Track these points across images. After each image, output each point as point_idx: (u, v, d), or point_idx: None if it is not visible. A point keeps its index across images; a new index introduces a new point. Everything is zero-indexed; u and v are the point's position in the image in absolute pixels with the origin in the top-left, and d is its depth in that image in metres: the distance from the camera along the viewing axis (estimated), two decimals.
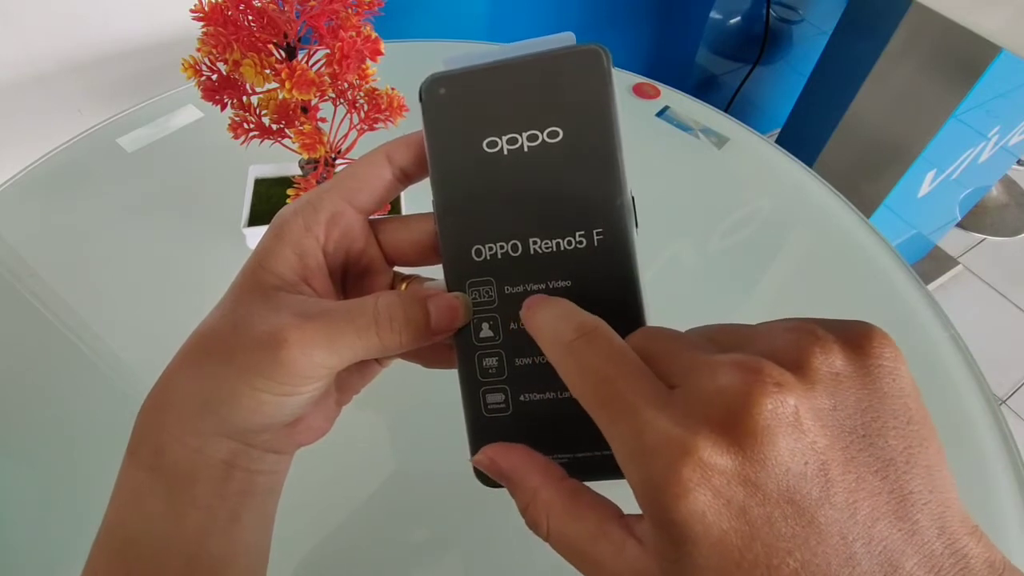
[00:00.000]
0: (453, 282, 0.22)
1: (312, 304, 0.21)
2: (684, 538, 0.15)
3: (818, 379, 0.16)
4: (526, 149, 0.22)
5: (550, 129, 0.22)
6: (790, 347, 0.16)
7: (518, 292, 0.22)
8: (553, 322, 0.19)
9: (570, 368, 0.18)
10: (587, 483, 0.21)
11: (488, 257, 0.22)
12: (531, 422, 0.22)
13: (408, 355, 0.24)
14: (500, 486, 0.22)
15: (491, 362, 0.22)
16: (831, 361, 0.16)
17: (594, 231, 0.21)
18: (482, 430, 0.22)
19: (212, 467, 0.21)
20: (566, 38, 0.22)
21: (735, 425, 0.15)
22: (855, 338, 0.16)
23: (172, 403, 0.21)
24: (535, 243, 0.22)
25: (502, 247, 0.22)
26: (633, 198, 0.22)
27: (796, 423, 0.15)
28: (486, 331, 0.22)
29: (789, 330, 0.17)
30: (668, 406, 0.16)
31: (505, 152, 0.22)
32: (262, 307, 0.21)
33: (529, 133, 0.22)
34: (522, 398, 0.22)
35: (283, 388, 0.20)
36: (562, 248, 0.22)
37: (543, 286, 0.22)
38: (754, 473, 0.15)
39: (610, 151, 0.21)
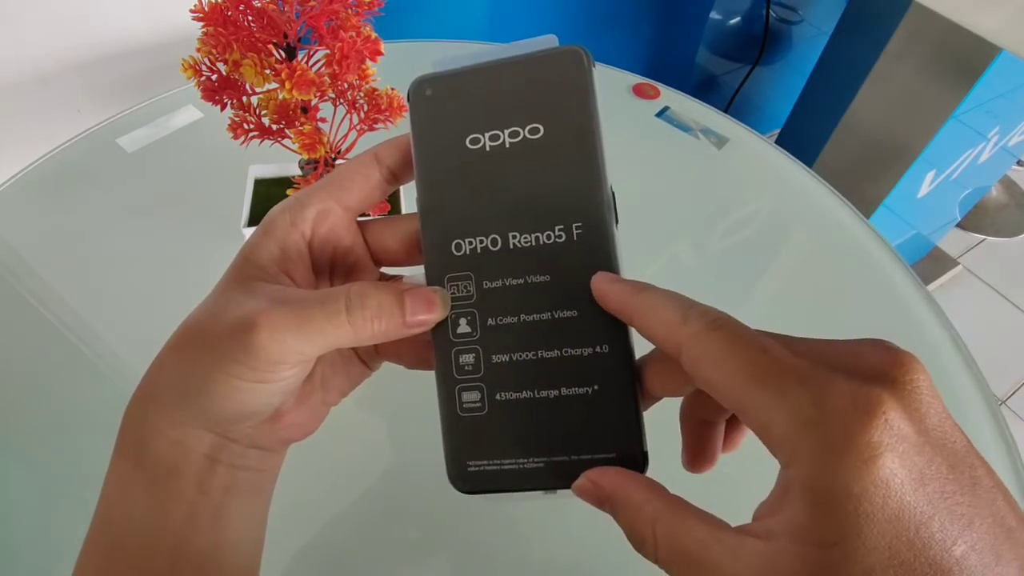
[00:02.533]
0: (433, 277, 0.23)
1: (288, 292, 0.21)
2: (856, 512, 0.14)
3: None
4: (508, 145, 0.22)
5: (531, 126, 0.22)
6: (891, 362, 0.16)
7: (496, 287, 0.22)
8: (673, 304, 0.19)
9: (708, 350, 0.17)
10: (558, 492, 0.21)
11: (468, 252, 0.22)
12: (506, 422, 0.21)
13: (389, 355, 0.25)
14: (479, 492, 0.21)
15: (468, 359, 0.22)
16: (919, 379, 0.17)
17: (573, 225, 0.21)
18: (456, 429, 0.22)
19: (194, 461, 0.21)
20: (549, 40, 0.22)
21: (906, 393, 0.15)
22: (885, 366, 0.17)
23: (155, 394, 0.21)
24: (514, 237, 0.22)
25: (482, 241, 0.22)
26: (613, 193, 0.22)
27: (939, 404, 0.16)
28: (464, 327, 0.22)
29: (883, 350, 0.17)
30: (838, 371, 0.16)
31: (487, 148, 0.22)
32: (240, 295, 0.21)
33: (511, 130, 0.22)
34: (498, 397, 0.22)
35: (255, 373, 0.20)
36: (541, 242, 0.22)
37: (522, 280, 0.22)
38: (929, 445, 0.14)
39: (590, 146, 0.21)
